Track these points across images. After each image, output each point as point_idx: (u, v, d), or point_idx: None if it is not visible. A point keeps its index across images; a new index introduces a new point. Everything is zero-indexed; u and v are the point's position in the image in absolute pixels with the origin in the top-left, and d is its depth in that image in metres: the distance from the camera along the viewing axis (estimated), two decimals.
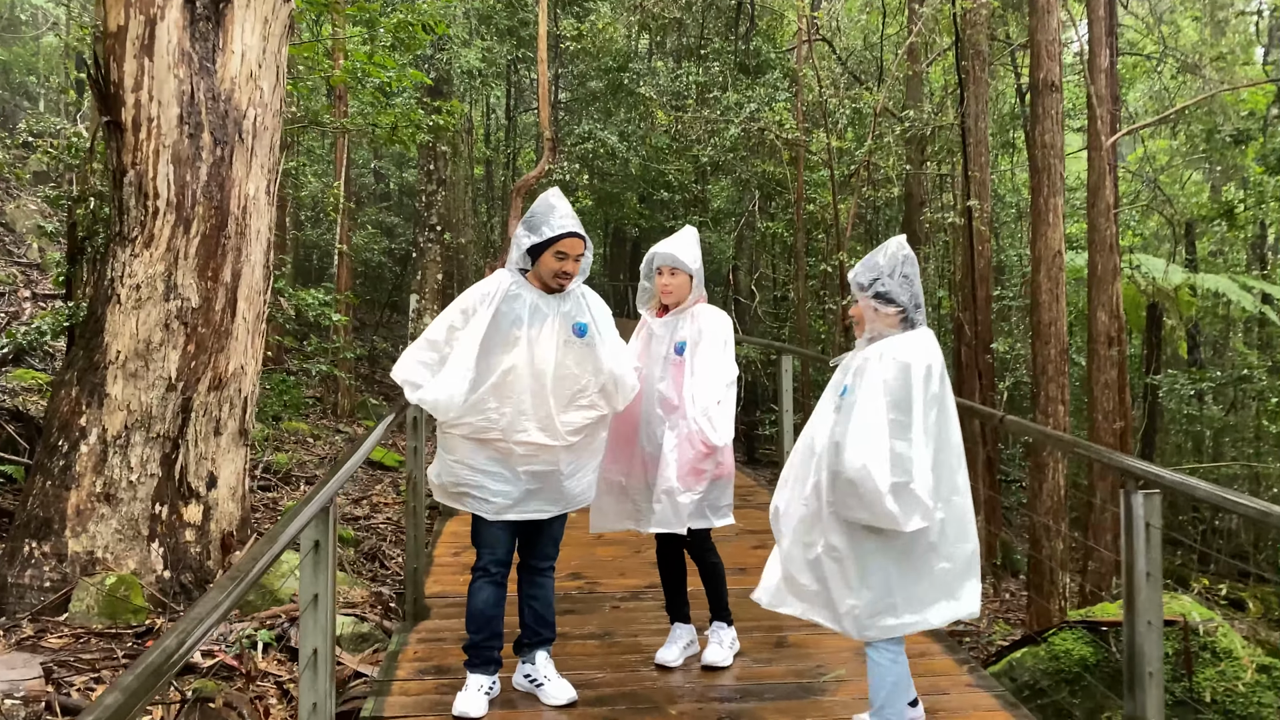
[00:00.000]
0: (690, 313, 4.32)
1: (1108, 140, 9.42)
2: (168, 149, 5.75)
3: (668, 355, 4.27)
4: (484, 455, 3.88)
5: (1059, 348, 7.83)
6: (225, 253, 5.98)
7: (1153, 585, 3.11)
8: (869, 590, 3.36)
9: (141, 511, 5.78)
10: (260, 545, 2.16)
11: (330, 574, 2.59)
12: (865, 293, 3.42)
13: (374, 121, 9.40)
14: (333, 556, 2.62)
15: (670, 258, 4.25)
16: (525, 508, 3.93)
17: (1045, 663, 5.98)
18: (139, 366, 5.74)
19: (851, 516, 3.30)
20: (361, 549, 7.82)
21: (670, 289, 4.29)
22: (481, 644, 3.97)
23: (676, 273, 4.27)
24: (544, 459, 3.91)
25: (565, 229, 3.90)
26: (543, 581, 4.12)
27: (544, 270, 3.96)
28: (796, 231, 13.77)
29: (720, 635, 4.43)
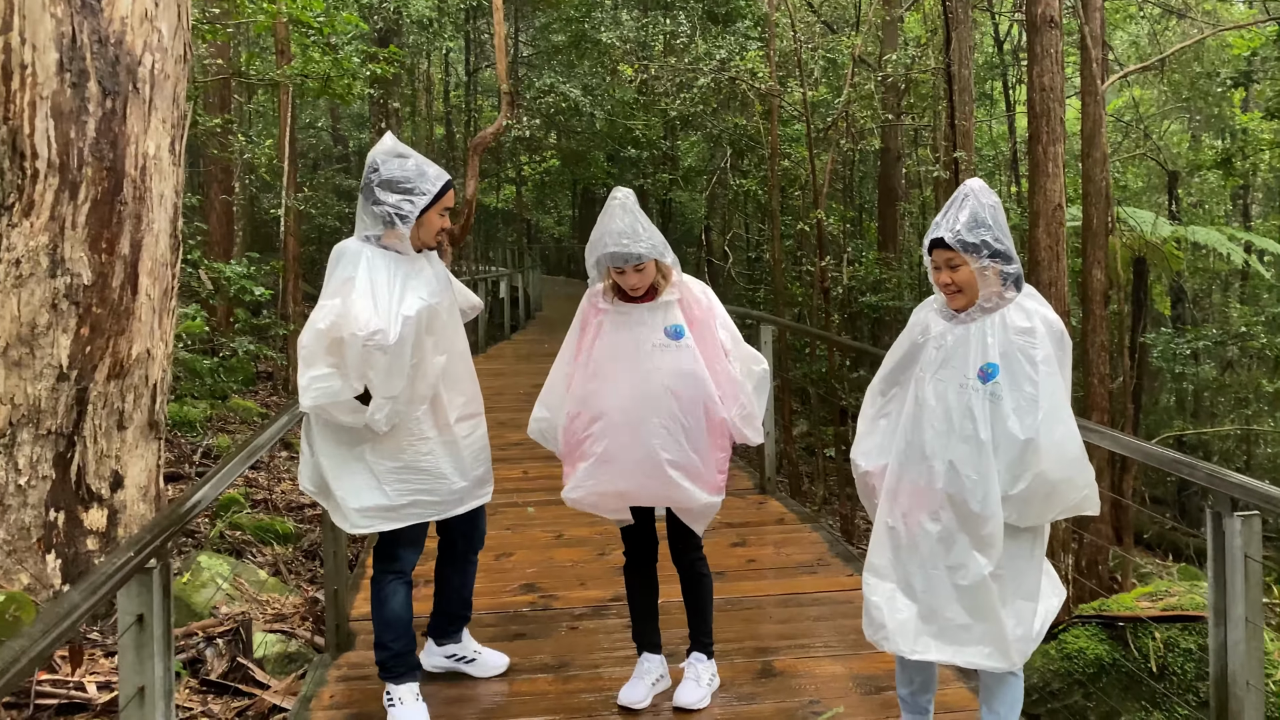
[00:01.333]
0: (675, 299, 3.55)
1: (1103, 84, 8.74)
2: (46, 100, 4.94)
3: (657, 343, 3.49)
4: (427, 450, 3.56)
5: (1060, 310, 7.20)
6: (121, 221, 5.19)
7: (1253, 635, 2.47)
8: (1028, 601, 2.86)
9: (34, 519, 5.05)
10: (16, 645, 1.46)
11: (162, 658, 1.89)
12: (979, 255, 2.83)
13: (304, 72, 8.55)
14: (167, 632, 1.93)
15: (632, 257, 3.38)
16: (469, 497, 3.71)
17: (1056, 663, 5.40)
18: (23, 354, 4.97)
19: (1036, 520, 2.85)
20: (301, 545, 7.11)
21: (639, 284, 3.49)
22: (404, 651, 3.63)
23: (642, 266, 3.43)
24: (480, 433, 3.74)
25: (443, 178, 3.56)
26: (470, 567, 3.99)
27: (426, 231, 3.57)
28: (771, 189, 13.07)
29: (698, 670, 3.71)
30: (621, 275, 3.45)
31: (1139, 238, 13.69)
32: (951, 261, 2.86)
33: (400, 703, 3.53)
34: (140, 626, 1.86)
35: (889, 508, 2.98)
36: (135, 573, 1.80)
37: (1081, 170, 9.35)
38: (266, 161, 11.47)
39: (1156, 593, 5.64)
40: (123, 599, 1.86)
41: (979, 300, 2.87)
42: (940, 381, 2.89)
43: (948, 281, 2.89)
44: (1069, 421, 2.80)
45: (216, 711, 4.46)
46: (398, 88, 14.83)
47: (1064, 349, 2.89)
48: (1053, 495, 2.78)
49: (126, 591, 1.85)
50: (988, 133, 20.90)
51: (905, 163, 15.33)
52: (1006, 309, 2.86)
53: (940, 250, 2.88)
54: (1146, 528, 13.70)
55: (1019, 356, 2.80)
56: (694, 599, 3.74)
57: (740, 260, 20.92)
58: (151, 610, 1.87)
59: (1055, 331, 2.87)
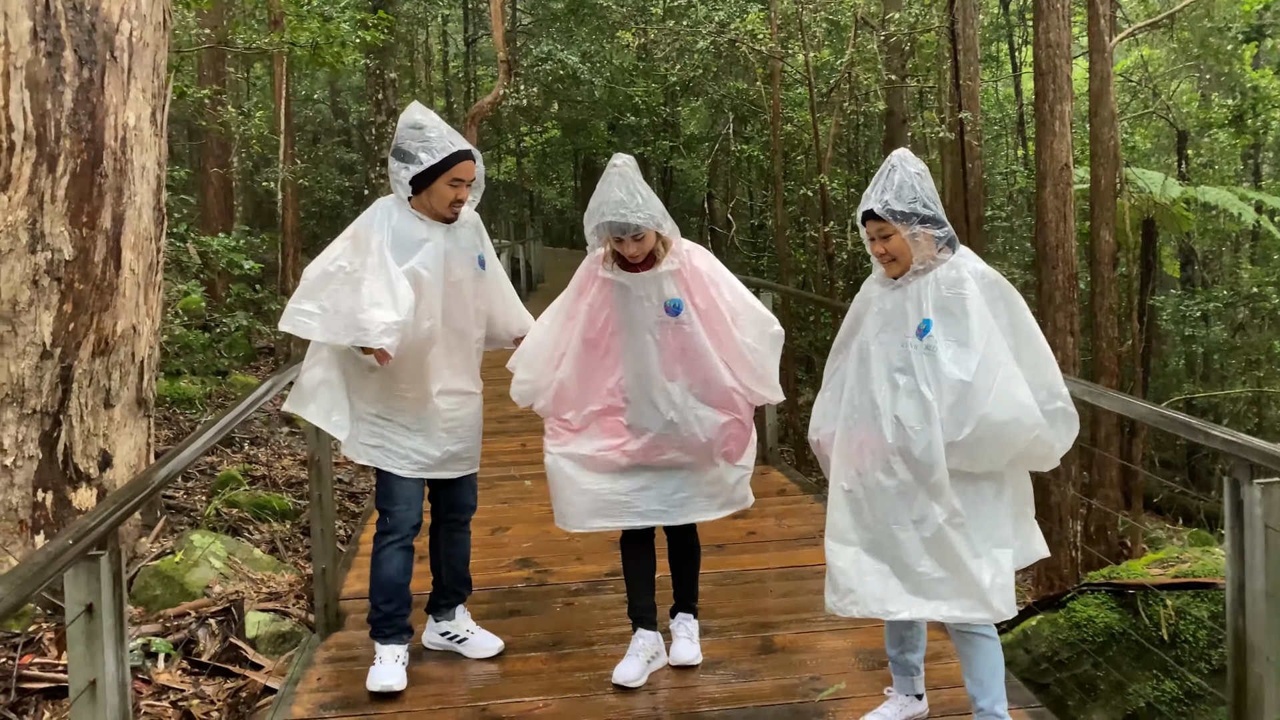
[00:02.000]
0: (674, 269, 3.42)
1: (1111, 42, 8.52)
2: (20, 70, 4.80)
3: (658, 318, 3.41)
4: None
5: (1067, 273, 7.04)
6: (102, 194, 5.07)
7: (1275, 610, 2.34)
8: (1001, 548, 2.88)
9: (21, 499, 4.96)
10: None
11: (114, 651, 1.78)
12: (908, 222, 2.90)
13: (293, 40, 8.37)
14: (119, 622, 1.82)
15: (629, 228, 3.28)
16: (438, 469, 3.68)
17: (1065, 631, 5.30)
18: (5, 331, 4.87)
19: (990, 466, 2.86)
20: (299, 523, 7.02)
21: (639, 254, 3.38)
22: (394, 614, 3.65)
23: (641, 235, 3.33)
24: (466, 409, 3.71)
25: (455, 146, 3.45)
26: (461, 538, 3.90)
27: (439, 201, 3.49)
28: (773, 154, 12.85)
29: (689, 628, 3.70)
30: (620, 244, 3.36)
31: (1148, 199, 13.47)
32: (883, 231, 2.95)
33: (380, 661, 3.58)
34: (90, 616, 1.75)
35: (842, 470, 3.03)
36: (77, 561, 1.68)
37: (1089, 130, 9.13)
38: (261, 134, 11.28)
39: (1167, 559, 5.54)
40: (69, 588, 1.75)
41: (913, 265, 2.96)
42: (882, 345, 2.98)
43: (881, 251, 2.98)
44: (1009, 364, 2.83)
45: (209, 693, 4.38)
46: (394, 58, 14.63)
47: (1005, 297, 2.93)
48: (1001, 439, 2.81)
49: (73, 580, 1.74)
50: (994, 95, 20.60)
51: (911, 126, 15.08)
52: (938, 268, 2.94)
53: (872, 221, 2.96)
54: (1156, 492, 13.58)
55: (949, 308, 2.88)
56: (682, 566, 3.73)
57: (744, 228, 20.72)
58: (100, 599, 1.76)
59: (988, 281, 2.93)
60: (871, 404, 2.95)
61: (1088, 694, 5.17)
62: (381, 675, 3.52)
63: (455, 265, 3.55)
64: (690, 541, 3.70)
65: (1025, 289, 15.46)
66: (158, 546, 5.61)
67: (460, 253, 3.58)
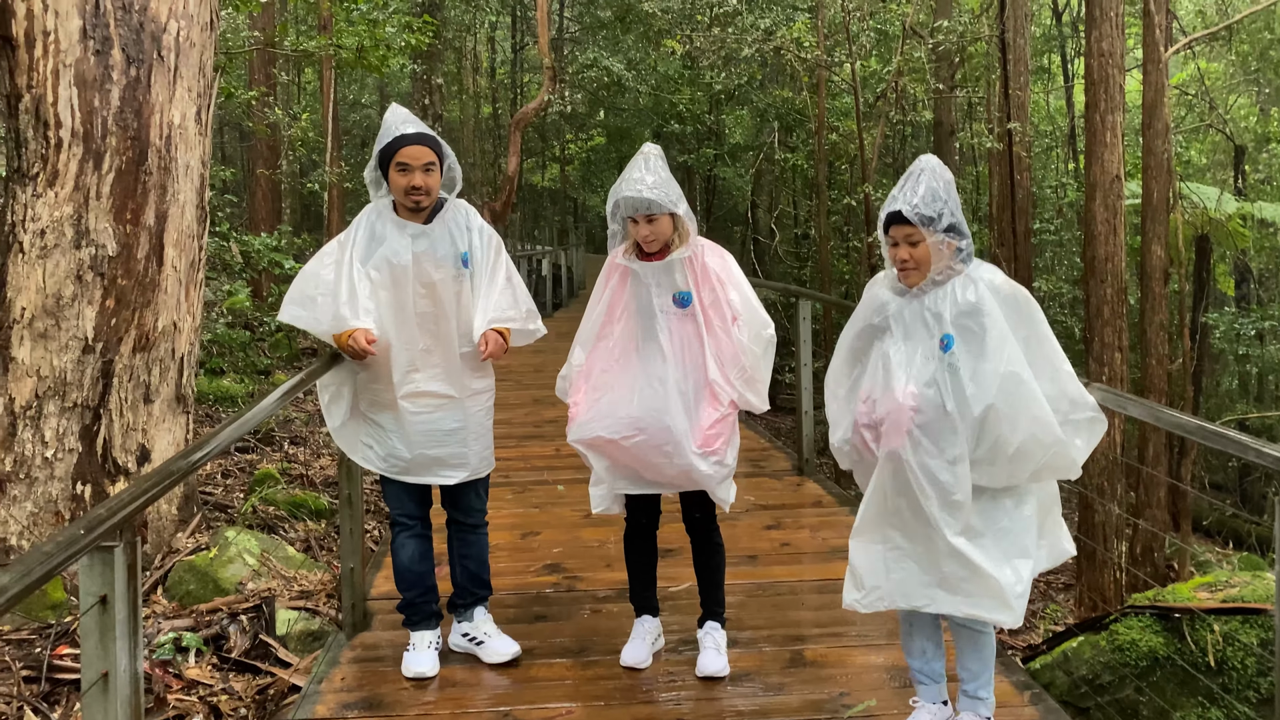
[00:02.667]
0: (686, 257, 3.51)
1: (1166, 52, 8.33)
2: (69, 68, 4.87)
3: (665, 308, 3.49)
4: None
5: (1116, 287, 6.87)
6: (146, 191, 5.12)
7: None
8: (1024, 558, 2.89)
9: (60, 491, 5.02)
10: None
11: (127, 644, 1.76)
12: (934, 228, 2.87)
13: (338, 43, 8.44)
14: (133, 615, 1.80)
15: (642, 203, 3.38)
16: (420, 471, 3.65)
17: (1107, 654, 5.16)
18: (49, 325, 4.93)
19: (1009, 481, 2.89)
20: (334, 522, 7.05)
21: (652, 237, 3.46)
22: (417, 600, 3.75)
23: (655, 218, 3.42)
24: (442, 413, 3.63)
25: (395, 132, 3.45)
26: (474, 539, 3.84)
27: (395, 192, 3.51)
28: (818, 163, 12.73)
29: (717, 639, 3.67)
30: (636, 226, 3.45)
31: (1202, 214, 13.17)
32: (911, 237, 2.90)
33: (413, 648, 3.70)
34: (103, 608, 1.74)
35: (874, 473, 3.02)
36: (90, 551, 1.67)
37: (1142, 142, 8.94)
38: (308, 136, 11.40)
39: (1215, 583, 5.37)
40: (83, 578, 1.74)
41: (931, 274, 2.93)
42: (905, 356, 2.95)
43: (905, 258, 2.92)
44: (1029, 382, 2.83)
45: (238, 689, 4.39)
46: (441, 64, 14.73)
47: (1021, 309, 2.91)
48: (1019, 457, 2.82)
49: (87, 570, 1.73)
50: (1045, 107, 20.30)
51: (959, 137, 14.89)
52: (954, 281, 2.92)
53: (899, 226, 2.91)
54: (1206, 514, 13.24)
55: (969, 324, 2.86)
56: (707, 569, 3.72)
57: (787, 238, 20.59)
58: (114, 591, 1.74)
59: (1004, 295, 2.90)
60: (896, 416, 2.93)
61: (1130, 719, 5.03)
62: (413, 662, 3.64)
63: (428, 265, 3.52)
64: (713, 540, 3.71)
65: (1073, 304, 15.21)
66: (193, 542, 5.65)
67: (434, 252, 3.54)
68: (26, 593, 1.51)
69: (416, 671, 3.62)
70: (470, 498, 3.78)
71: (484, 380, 3.70)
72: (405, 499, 3.72)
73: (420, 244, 3.53)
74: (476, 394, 3.66)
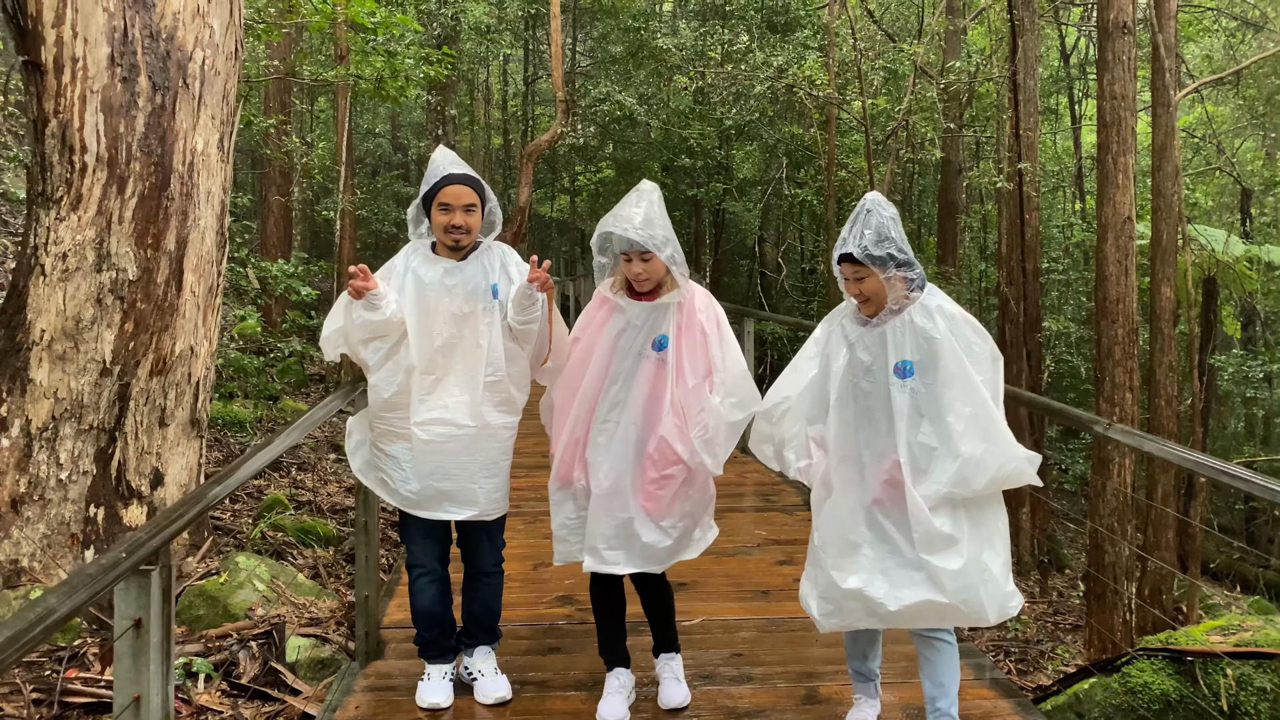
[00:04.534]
0: (675, 302, 3.39)
1: (1176, 96, 8.40)
2: (96, 94, 4.94)
3: (642, 351, 3.37)
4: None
5: (1127, 327, 6.89)
6: (168, 216, 5.17)
7: None
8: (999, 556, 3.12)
9: (74, 514, 5.03)
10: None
11: (160, 667, 1.77)
12: (884, 266, 3.06)
13: (357, 73, 8.53)
14: (166, 639, 1.81)
15: (635, 244, 3.27)
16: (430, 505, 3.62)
17: (1118, 697, 5.12)
18: (67, 348, 4.96)
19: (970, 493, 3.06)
20: (343, 549, 7.04)
21: (645, 276, 3.34)
22: (434, 640, 3.76)
23: (650, 256, 3.30)
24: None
25: (441, 173, 3.50)
26: (483, 585, 3.80)
27: (436, 230, 3.58)
28: (827, 200, 12.81)
29: (674, 668, 3.68)
30: (628, 263, 3.34)
31: (1209, 256, 13.22)
32: (858, 274, 3.09)
33: (428, 678, 3.72)
34: (137, 631, 1.74)
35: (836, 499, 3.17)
36: (129, 575, 1.68)
37: (1151, 184, 9.00)
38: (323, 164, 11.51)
39: (1228, 627, 5.34)
40: (119, 601, 1.75)
41: (888, 304, 3.12)
42: (869, 384, 3.14)
43: (856, 292, 3.14)
44: (986, 402, 3.03)
45: (247, 716, 4.37)
46: (455, 95, 14.87)
47: (976, 333, 3.12)
48: (980, 468, 3.00)
49: (124, 594, 1.74)
50: (1052, 147, 20.43)
51: (967, 175, 14.98)
52: (911, 309, 3.11)
53: (847, 264, 3.11)
54: (1213, 556, 13.18)
55: (925, 349, 3.07)
56: (656, 607, 3.66)
57: (794, 272, 20.65)
58: (150, 615, 1.75)
59: (957, 321, 3.11)
60: (859, 443, 3.13)
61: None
62: (428, 692, 3.67)
63: (458, 298, 3.53)
64: (664, 591, 3.64)
65: (1078, 344, 15.24)
66: (203, 566, 5.65)
67: (465, 285, 3.56)
68: (72, 614, 1.52)
69: (431, 703, 3.65)
70: (481, 541, 3.73)
71: (506, 417, 3.63)
72: (424, 542, 3.70)
73: (452, 277, 3.56)
74: (495, 430, 3.59)
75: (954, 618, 3.07)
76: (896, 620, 3.09)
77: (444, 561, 3.75)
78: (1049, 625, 8.58)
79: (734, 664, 3.92)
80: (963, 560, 3.02)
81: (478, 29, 13.90)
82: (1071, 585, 11.10)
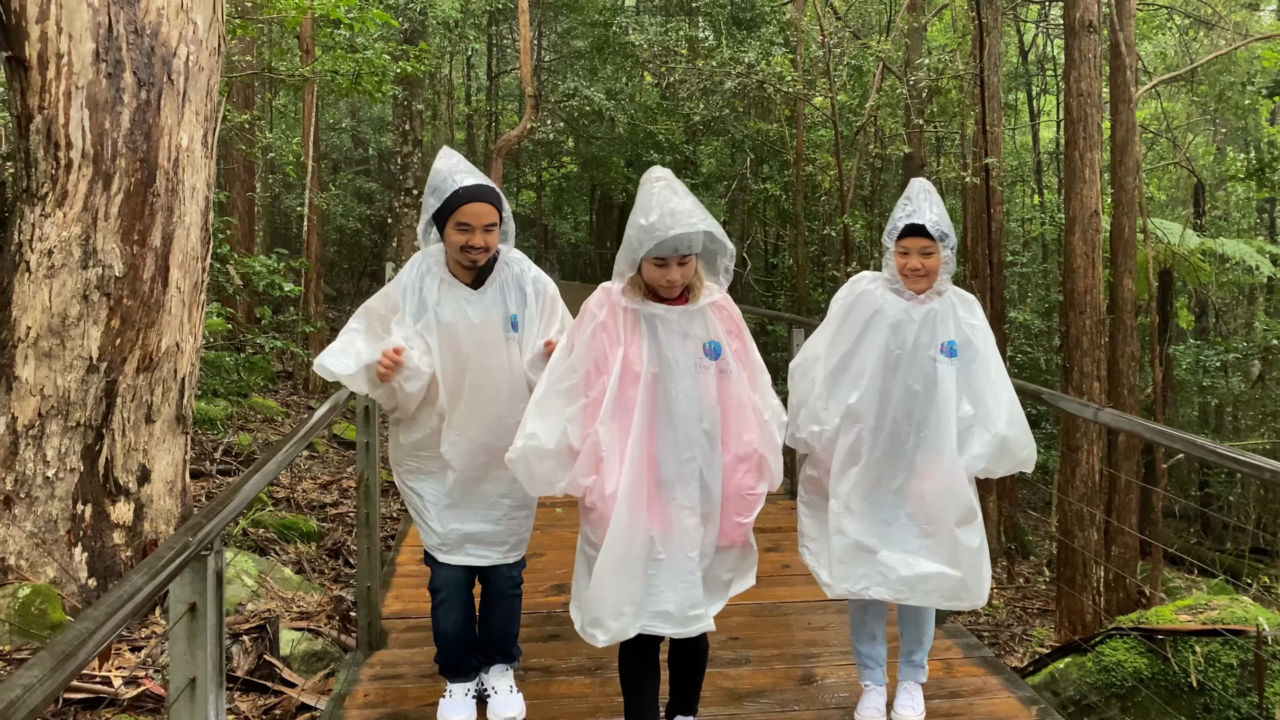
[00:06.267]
0: (713, 295, 2.94)
1: (1137, 92, 8.63)
2: (81, 91, 4.91)
3: (698, 361, 2.84)
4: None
5: (1094, 318, 7.09)
6: (154, 213, 5.16)
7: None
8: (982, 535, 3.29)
9: (61, 511, 5.01)
10: (81, 627, 1.38)
11: (214, 649, 1.82)
12: (945, 243, 3.17)
13: (333, 69, 8.51)
14: (218, 621, 1.86)
15: (691, 239, 2.74)
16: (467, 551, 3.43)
17: (1093, 675, 5.30)
18: (53, 345, 4.94)
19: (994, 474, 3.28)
20: (324, 545, 7.06)
21: (683, 282, 2.84)
22: (453, 662, 3.61)
23: (688, 259, 2.80)
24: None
25: (454, 186, 3.12)
26: (502, 604, 3.63)
27: (450, 248, 3.21)
28: (795, 195, 12.96)
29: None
30: (663, 268, 2.76)
31: (1165, 249, 13.55)
32: (927, 249, 3.15)
33: (449, 695, 3.62)
34: (192, 615, 1.79)
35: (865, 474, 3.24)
36: (187, 561, 1.72)
37: (1112, 178, 9.23)
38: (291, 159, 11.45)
39: (1196, 606, 5.54)
40: (175, 587, 1.79)
41: (935, 284, 3.22)
42: (912, 358, 3.20)
43: (917, 266, 3.17)
44: (1013, 393, 3.26)
45: (244, 709, 4.40)
46: (421, 90, 14.84)
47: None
48: (1010, 452, 3.19)
49: (179, 579, 1.78)
50: (1011, 143, 20.77)
51: (929, 170, 15.22)
52: (952, 296, 3.27)
53: (917, 238, 3.15)
54: (1172, 542, 13.55)
55: (968, 332, 3.22)
56: (695, 668, 3.15)
57: (758, 267, 20.82)
58: (205, 599, 1.80)
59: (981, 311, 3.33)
60: (898, 416, 3.19)
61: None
62: (449, 710, 3.55)
63: (481, 330, 3.26)
64: (703, 644, 3.14)
65: (1039, 337, 15.55)
66: None
67: (484, 315, 3.27)
68: (155, 592, 1.57)
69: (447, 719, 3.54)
70: (501, 567, 3.55)
71: None
72: (449, 568, 3.48)
73: (472, 309, 3.26)
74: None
75: (960, 593, 3.17)
76: (905, 589, 3.18)
77: (469, 585, 3.56)
78: (1018, 610, 8.80)
79: (731, 647, 4.02)
80: (980, 539, 3.15)
81: (445, 24, 13.89)
82: (1037, 571, 11.34)
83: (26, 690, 1.26)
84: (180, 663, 1.81)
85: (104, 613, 1.43)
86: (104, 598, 1.47)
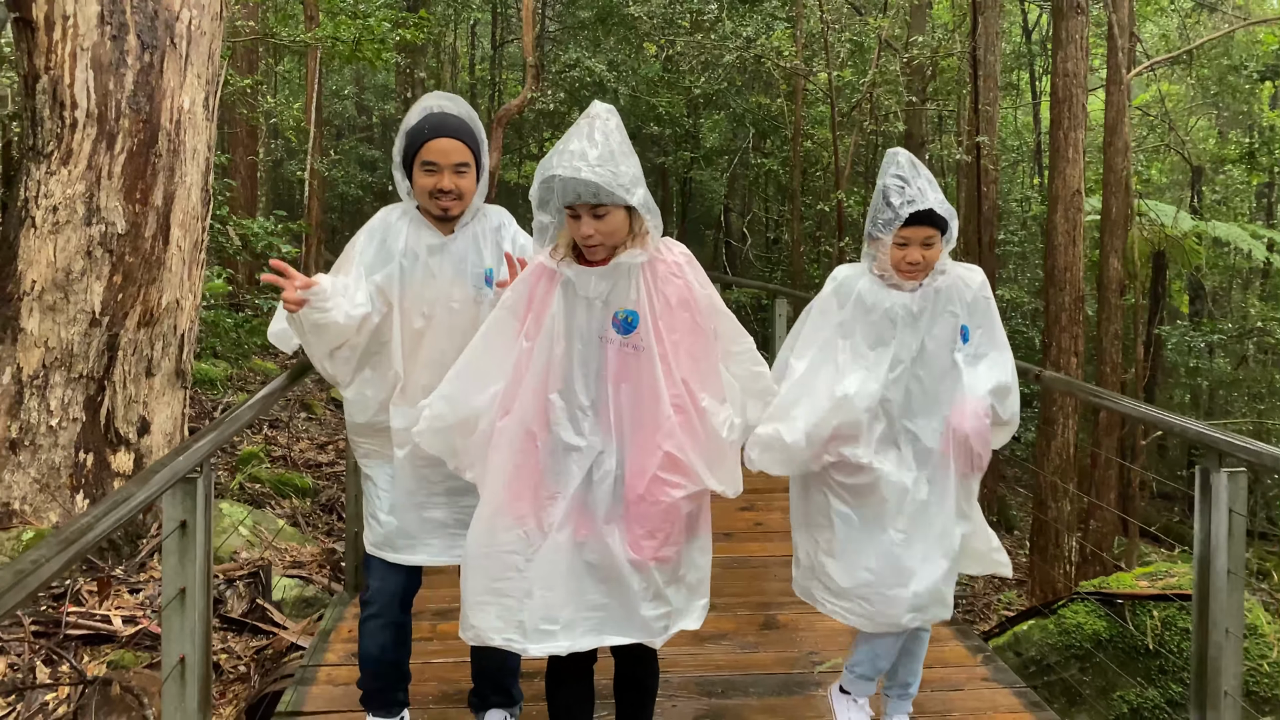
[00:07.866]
0: (642, 264, 2.41)
1: (1128, 74, 8.74)
2: (86, 52, 5.07)
3: (602, 333, 2.40)
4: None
5: (1074, 295, 7.26)
6: (155, 172, 5.32)
7: (1234, 585, 2.57)
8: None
9: (63, 459, 5.21)
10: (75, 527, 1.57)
11: (202, 563, 2.01)
12: (948, 231, 2.78)
13: (335, 35, 8.64)
14: (207, 539, 2.05)
15: (588, 187, 2.26)
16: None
17: (1054, 637, 5.51)
18: (58, 299, 5.12)
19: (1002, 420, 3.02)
20: (319, 500, 7.27)
21: (597, 239, 2.36)
22: (376, 689, 3.05)
23: (604, 211, 2.33)
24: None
25: (416, 120, 2.76)
26: None
27: (419, 195, 2.80)
28: (793, 169, 13.09)
29: None
30: (576, 221, 2.35)
31: (1159, 231, 13.67)
32: (929, 239, 2.72)
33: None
34: (183, 532, 1.98)
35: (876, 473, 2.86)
36: (176, 482, 1.90)
37: (1104, 159, 9.36)
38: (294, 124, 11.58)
39: (1156, 573, 5.74)
40: (168, 505, 1.98)
41: (937, 267, 2.82)
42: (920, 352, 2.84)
43: (917, 260, 2.73)
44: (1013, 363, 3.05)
45: (236, 649, 4.62)
46: (424, 58, 14.92)
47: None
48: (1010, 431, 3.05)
49: (171, 498, 1.97)
50: (1013, 122, 20.83)
51: (928, 148, 15.32)
52: (954, 274, 2.87)
53: (922, 227, 2.70)
54: (1153, 520, 13.75)
55: (978, 315, 2.92)
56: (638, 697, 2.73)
57: (758, 243, 20.94)
58: (195, 516, 1.98)
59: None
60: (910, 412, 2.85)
61: (1074, 698, 5.37)
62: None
63: (444, 284, 2.83)
64: (652, 671, 2.73)
65: (1033, 316, 15.69)
66: None
67: (452, 269, 2.84)
68: (147, 499, 1.76)
69: None
70: None
71: None
72: (388, 572, 2.95)
73: (437, 259, 2.84)
74: None
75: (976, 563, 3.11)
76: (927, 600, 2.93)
77: (406, 605, 3.03)
78: (995, 580, 9.03)
79: None
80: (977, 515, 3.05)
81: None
82: (1019, 545, 11.55)
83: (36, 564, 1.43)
84: (172, 575, 2.00)
85: (103, 510, 1.61)
86: (103, 500, 1.66)
